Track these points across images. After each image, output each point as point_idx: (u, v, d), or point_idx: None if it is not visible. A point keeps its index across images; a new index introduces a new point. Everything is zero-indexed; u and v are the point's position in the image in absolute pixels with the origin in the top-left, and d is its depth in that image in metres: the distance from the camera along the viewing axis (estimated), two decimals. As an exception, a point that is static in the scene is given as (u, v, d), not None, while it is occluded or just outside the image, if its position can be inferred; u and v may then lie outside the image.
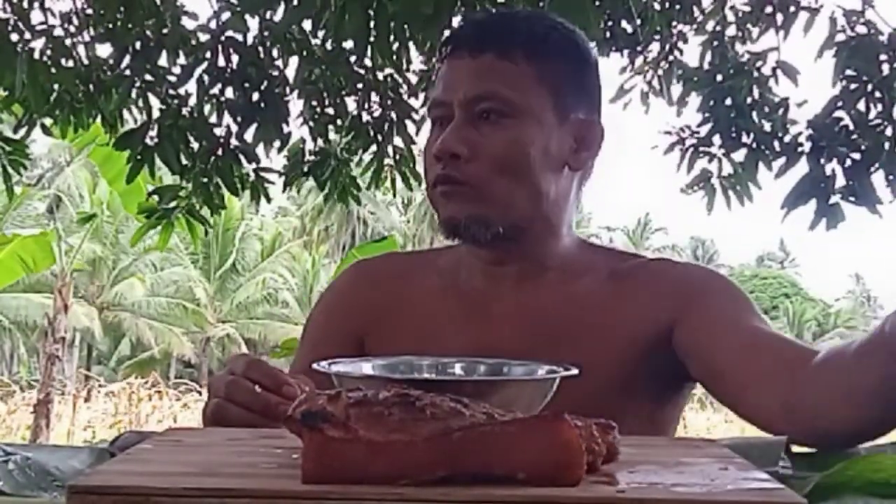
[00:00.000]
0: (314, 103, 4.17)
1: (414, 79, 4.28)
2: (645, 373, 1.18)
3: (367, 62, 3.99)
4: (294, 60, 3.99)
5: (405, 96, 4.30)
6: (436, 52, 4.05)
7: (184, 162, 3.85)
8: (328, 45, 3.89)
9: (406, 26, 3.44)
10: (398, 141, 4.34)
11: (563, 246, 1.24)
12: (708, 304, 1.17)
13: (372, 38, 3.34)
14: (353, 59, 3.95)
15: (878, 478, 0.68)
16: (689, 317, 1.16)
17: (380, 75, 4.17)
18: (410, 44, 3.70)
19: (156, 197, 4.20)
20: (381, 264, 1.39)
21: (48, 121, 4.01)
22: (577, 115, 1.21)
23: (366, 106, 4.25)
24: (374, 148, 4.33)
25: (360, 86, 4.16)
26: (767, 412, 1.04)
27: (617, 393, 1.15)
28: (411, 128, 4.31)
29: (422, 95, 4.30)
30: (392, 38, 3.45)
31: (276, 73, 3.90)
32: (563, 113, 1.20)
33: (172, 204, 4.12)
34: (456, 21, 3.29)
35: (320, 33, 3.79)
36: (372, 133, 4.27)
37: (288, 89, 3.97)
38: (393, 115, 4.28)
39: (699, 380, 1.18)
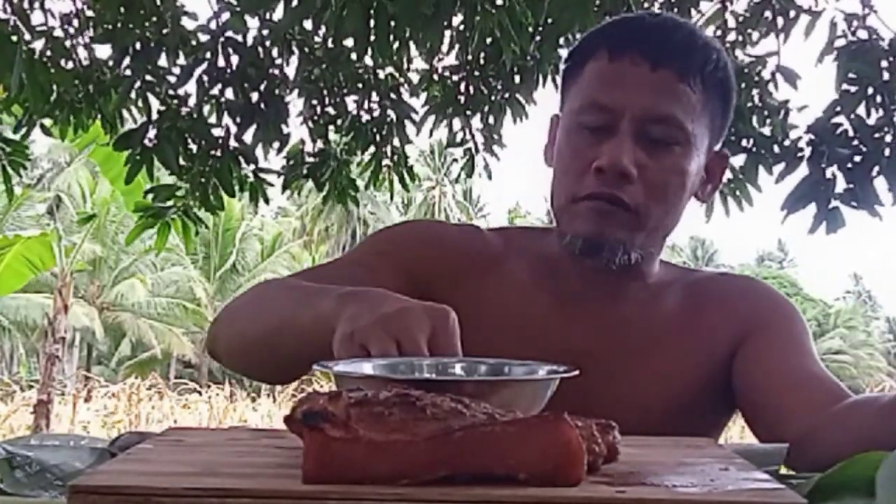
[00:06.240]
0: (314, 102, 4.17)
1: (415, 78, 4.27)
2: (714, 387, 1.19)
3: (368, 61, 3.98)
4: (294, 59, 3.99)
5: (405, 96, 4.30)
6: (437, 52, 4.08)
7: (182, 163, 3.85)
8: (329, 44, 3.88)
9: (407, 27, 3.44)
10: (396, 142, 4.34)
11: (657, 263, 1.24)
12: (767, 335, 1.18)
13: (372, 38, 3.34)
14: (353, 57, 3.95)
15: (878, 478, 0.68)
16: (749, 344, 1.17)
17: (380, 73, 4.16)
18: (411, 43, 3.70)
19: (151, 196, 4.19)
20: (461, 237, 1.25)
21: (48, 121, 4.01)
22: (716, 148, 1.20)
23: (365, 105, 4.25)
24: (372, 148, 4.33)
25: (360, 85, 4.16)
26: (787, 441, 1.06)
27: (684, 412, 1.16)
28: (410, 129, 4.31)
29: (423, 96, 4.30)
30: (392, 37, 3.45)
31: (275, 72, 3.89)
32: (711, 146, 1.18)
33: (168, 203, 4.11)
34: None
35: (320, 32, 3.79)
36: (371, 133, 4.27)
37: (287, 88, 3.96)
38: (392, 115, 4.28)
39: (738, 400, 1.19)
